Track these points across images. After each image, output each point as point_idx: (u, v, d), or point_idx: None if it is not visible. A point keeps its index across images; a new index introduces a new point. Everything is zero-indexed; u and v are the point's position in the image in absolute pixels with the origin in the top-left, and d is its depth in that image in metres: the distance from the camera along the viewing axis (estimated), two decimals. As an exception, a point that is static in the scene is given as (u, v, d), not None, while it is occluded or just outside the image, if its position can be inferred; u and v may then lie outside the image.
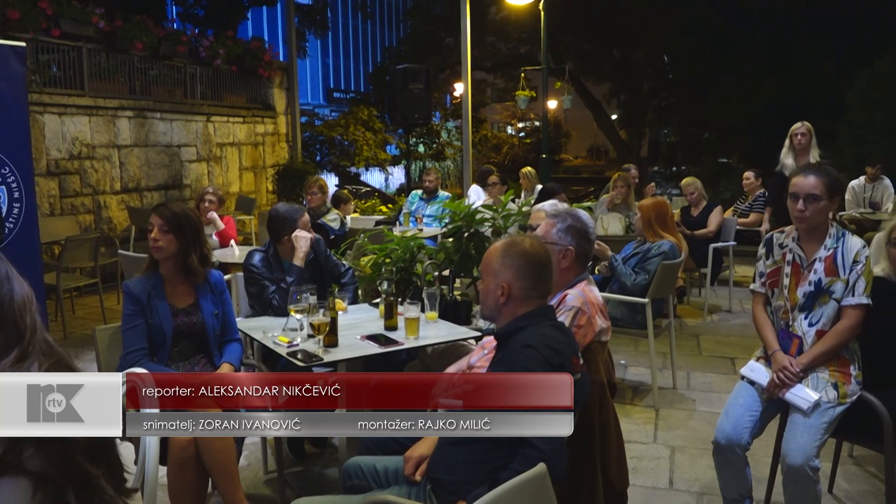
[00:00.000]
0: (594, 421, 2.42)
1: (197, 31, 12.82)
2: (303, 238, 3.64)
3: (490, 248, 2.25)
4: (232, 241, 5.65)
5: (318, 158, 17.11)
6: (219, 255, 5.19)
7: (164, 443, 2.54)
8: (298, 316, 2.99)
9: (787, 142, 6.07)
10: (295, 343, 2.96)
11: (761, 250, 2.93)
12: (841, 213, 7.85)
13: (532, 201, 6.72)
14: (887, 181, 8.42)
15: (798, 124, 6.05)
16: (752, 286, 2.98)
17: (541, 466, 1.64)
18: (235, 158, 11.19)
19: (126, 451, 2.57)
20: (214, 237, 5.67)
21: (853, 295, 2.66)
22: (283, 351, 2.90)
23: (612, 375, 2.71)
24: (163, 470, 2.56)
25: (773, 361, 2.76)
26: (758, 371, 2.81)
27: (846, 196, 8.33)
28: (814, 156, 5.85)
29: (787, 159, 6.03)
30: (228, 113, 10.98)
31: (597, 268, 4.71)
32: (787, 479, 2.59)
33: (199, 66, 10.41)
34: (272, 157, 12.15)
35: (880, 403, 2.56)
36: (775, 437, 2.89)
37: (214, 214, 5.78)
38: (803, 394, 2.63)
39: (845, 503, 3.22)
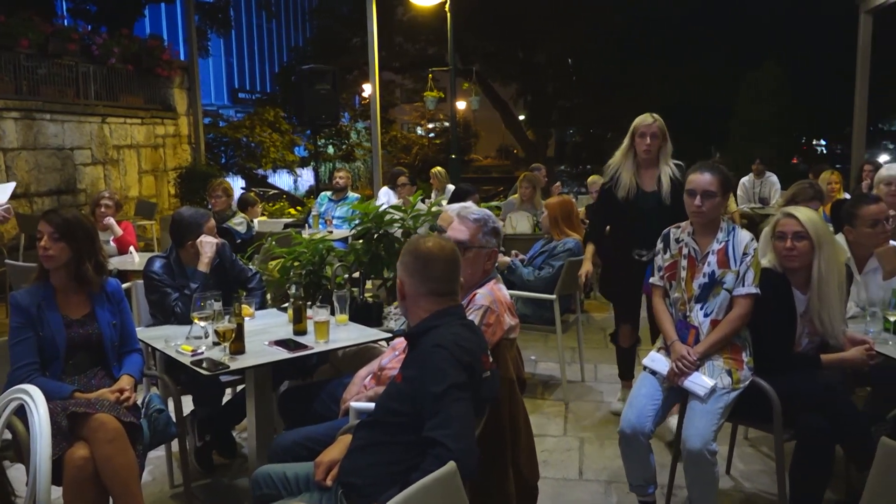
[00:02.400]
0: (504, 417, 2.46)
1: (89, 27, 12.23)
2: (208, 243, 3.53)
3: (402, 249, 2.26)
4: (131, 248, 5.44)
5: (222, 161, 16.66)
6: (117, 263, 5.00)
7: (59, 462, 2.40)
8: (202, 323, 2.89)
9: (626, 141, 3.91)
10: (199, 351, 2.87)
11: (659, 245, 3.05)
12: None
13: (444, 201, 6.76)
14: (774, 178, 9.02)
15: (648, 119, 3.86)
16: (651, 280, 3.10)
17: (451, 465, 1.65)
18: (134, 161, 10.73)
19: (17, 473, 2.42)
20: (112, 244, 5.45)
21: (743, 285, 2.81)
22: (186, 360, 2.80)
23: (521, 371, 2.75)
24: (57, 491, 2.42)
25: (671, 351, 2.88)
26: (658, 361, 2.93)
27: (738, 192, 8.85)
28: (665, 171, 3.82)
29: (621, 172, 3.89)
30: (125, 114, 10.52)
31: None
32: (687, 463, 2.71)
33: (92, 64, 9.94)
34: (174, 159, 11.73)
35: (770, 387, 2.71)
36: (676, 424, 3.02)
37: (111, 220, 5.57)
38: (700, 381, 2.76)
39: (742, 483, 3.39)
